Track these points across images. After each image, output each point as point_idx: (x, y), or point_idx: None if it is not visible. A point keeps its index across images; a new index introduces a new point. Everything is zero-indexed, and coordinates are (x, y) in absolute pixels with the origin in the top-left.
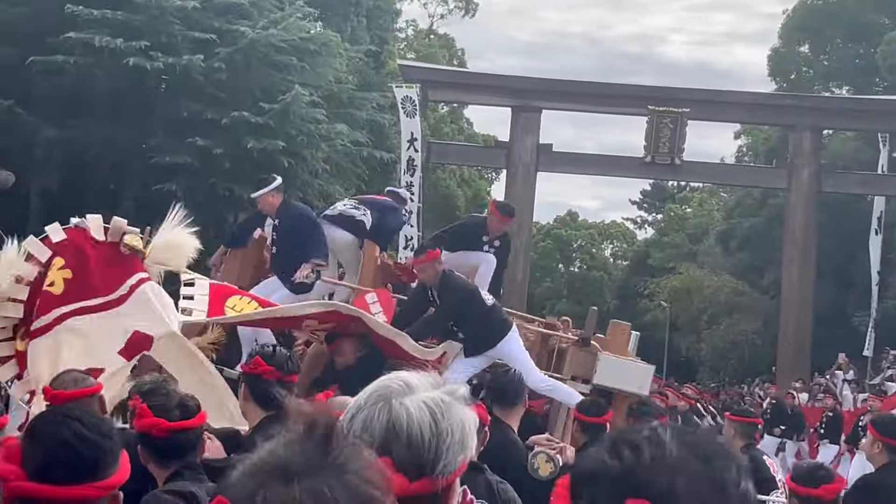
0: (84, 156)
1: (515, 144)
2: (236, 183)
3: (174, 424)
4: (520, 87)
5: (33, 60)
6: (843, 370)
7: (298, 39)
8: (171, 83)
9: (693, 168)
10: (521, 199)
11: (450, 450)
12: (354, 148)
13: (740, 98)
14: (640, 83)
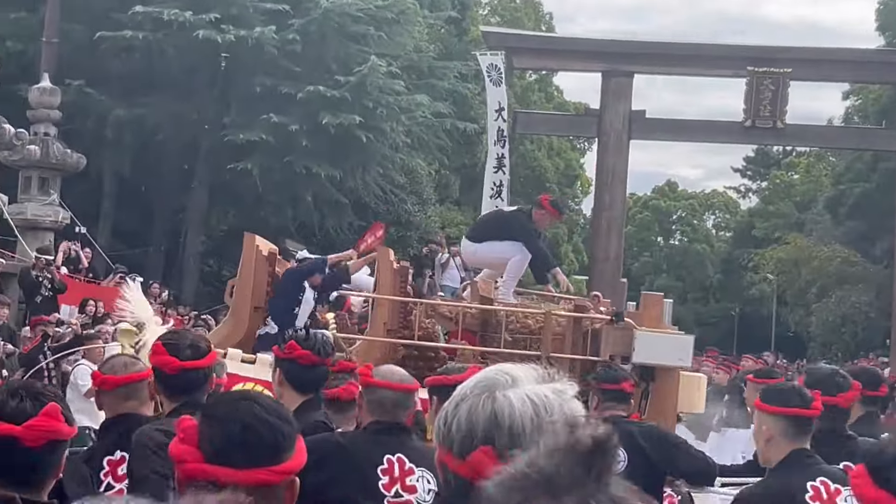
0: (156, 136)
1: (606, 111)
2: (313, 160)
3: (183, 363)
4: (609, 51)
5: (101, 37)
6: None
7: (374, 7)
8: (243, 57)
9: (797, 132)
10: (614, 170)
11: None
12: (436, 120)
13: (847, 55)
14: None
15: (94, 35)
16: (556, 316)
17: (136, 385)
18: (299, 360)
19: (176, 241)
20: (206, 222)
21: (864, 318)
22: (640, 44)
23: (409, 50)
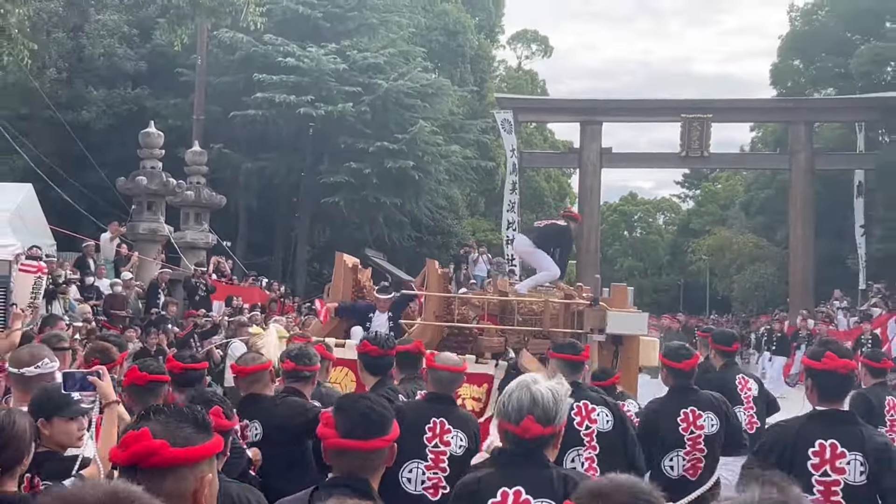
0: (273, 180)
1: (584, 150)
2: (382, 194)
3: (185, 365)
4: (584, 107)
5: (234, 114)
6: (839, 300)
7: (420, 86)
8: (331, 124)
9: (718, 158)
10: (591, 188)
11: (560, 413)
12: (465, 161)
13: (751, 104)
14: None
15: (228, 113)
16: (552, 302)
17: (260, 374)
18: (370, 353)
19: (289, 251)
20: (310, 237)
21: (769, 285)
22: (606, 101)
23: (445, 114)
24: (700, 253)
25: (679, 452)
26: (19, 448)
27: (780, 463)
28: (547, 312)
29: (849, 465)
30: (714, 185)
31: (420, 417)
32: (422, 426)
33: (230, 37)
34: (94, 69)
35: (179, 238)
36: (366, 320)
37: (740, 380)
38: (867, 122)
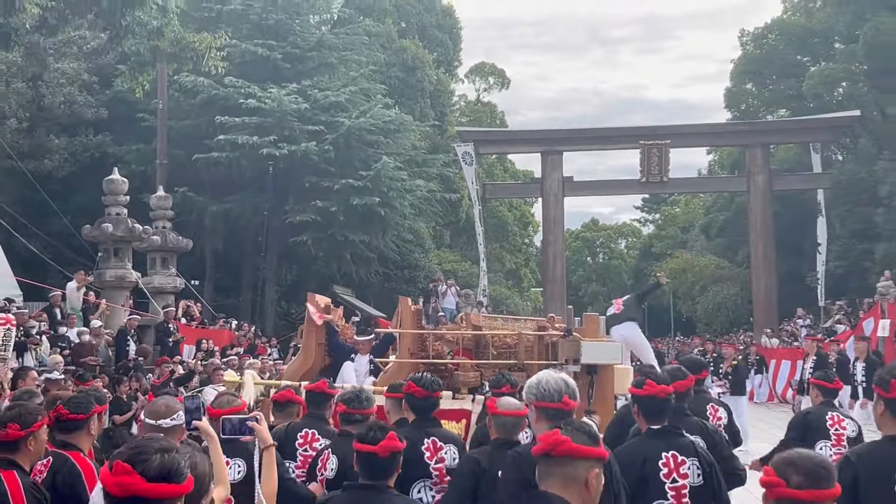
0: (239, 221)
1: (546, 180)
2: (349, 231)
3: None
4: (544, 138)
5: (197, 157)
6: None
7: (382, 123)
8: (295, 163)
9: (677, 183)
10: (555, 218)
11: (575, 392)
12: (429, 194)
13: (707, 129)
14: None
15: (192, 156)
16: (526, 335)
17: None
18: (416, 394)
19: (258, 291)
20: (278, 277)
21: (732, 305)
22: (565, 131)
23: (408, 149)
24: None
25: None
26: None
27: (639, 477)
28: (521, 345)
29: (689, 469)
30: (673, 209)
31: (493, 468)
32: (494, 476)
33: (191, 81)
34: (54, 117)
35: (147, 283)
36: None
37: (711, 408)
38: (822, 143)
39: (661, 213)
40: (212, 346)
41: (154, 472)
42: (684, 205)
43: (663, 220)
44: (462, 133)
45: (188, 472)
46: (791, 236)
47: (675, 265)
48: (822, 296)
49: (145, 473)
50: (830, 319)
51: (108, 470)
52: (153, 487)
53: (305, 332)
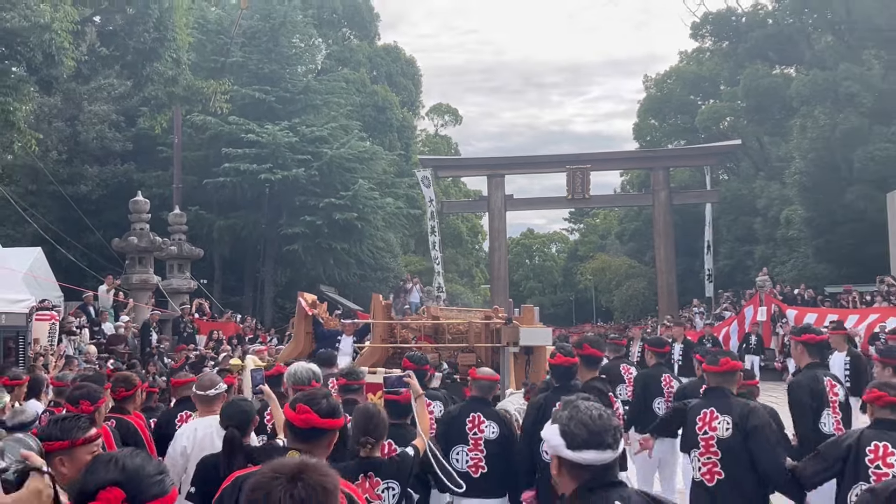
0: (242, 233)
1: (491, 197)
2: (332, 240)
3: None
4: (490, 164)
5: (207, 182)
6: (697, 307)
7: (358, 152)
8: (287, 186)
9: (597, 199)
10: (499, 229)
11: (319, 377)
12: (397, 210)
13: (620, 156)
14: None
15: (202, 181)
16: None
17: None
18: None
19: (258, 290)
20: (274, 278)
21: (642, 296)
22: (507, 158)
23: (380, 173)
24: (586, 274)
25: None
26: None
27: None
28: (471, 331)
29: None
30: (594, 220)
31: (463, 413)
32: (463, 420)
33: (201, 119)
34: (89, 150)
35: (166, 285)
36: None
37: (665, 378)
38: (711, 165)
39: (584, 224)
40: (221, 336)
41: (324, 411)
42: (602, 217)
43: (586, 228)
44: (423, 160)
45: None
46: (687, 240)
47: (596, 265)
48: (710, 289)
49: (318, 412)
50: (719, 307)
51: (290, 410)
52: (325, 422)
53: (296, 323)
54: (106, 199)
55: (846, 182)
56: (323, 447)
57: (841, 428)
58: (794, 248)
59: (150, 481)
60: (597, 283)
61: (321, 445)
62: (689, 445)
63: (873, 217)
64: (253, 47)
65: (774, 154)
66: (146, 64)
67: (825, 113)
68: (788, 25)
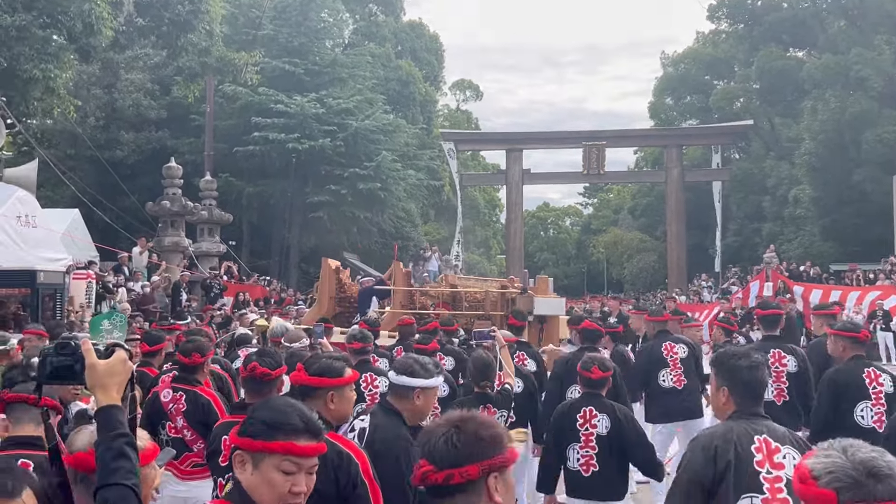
0: (269, 200)
1: (509, 171)
2: (356, 209)
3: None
4: (508, 139)
5: (237, 150)
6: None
7: (382, 125)
8: (314, 156)
9: (611, 175)
10: (516, 201)
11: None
12: (418, 182)
13: (635, 133)
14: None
15: (233, 149)
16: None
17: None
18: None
19: (284, 255)
20: (300, 244)
21: (652, 270)
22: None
23: (402, 146)
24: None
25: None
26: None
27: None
28: (487, 300)
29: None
30: (608, 195)
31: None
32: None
33: (232, 89)
34: (125, 117)
35: (197, 248)
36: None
37: (666, 346)
38: (723, 145)
39: (598, 198)
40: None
41: (314, 370)
42: (616, 192)
43: (600, 203)
44: (444, 134)
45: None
46: (697, 217)
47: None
48: (719, 264)
49: (308, 370)
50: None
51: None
52: (312, 380)
53: (320, 288)
54: (141, 165)
55: (854, 164)
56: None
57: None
58: (801, 227)
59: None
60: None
61: (317, 403)
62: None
63: (879, 199)
64: (283, 21)
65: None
66: (181, 35)
67: (836, 96)
68: (803, 10)
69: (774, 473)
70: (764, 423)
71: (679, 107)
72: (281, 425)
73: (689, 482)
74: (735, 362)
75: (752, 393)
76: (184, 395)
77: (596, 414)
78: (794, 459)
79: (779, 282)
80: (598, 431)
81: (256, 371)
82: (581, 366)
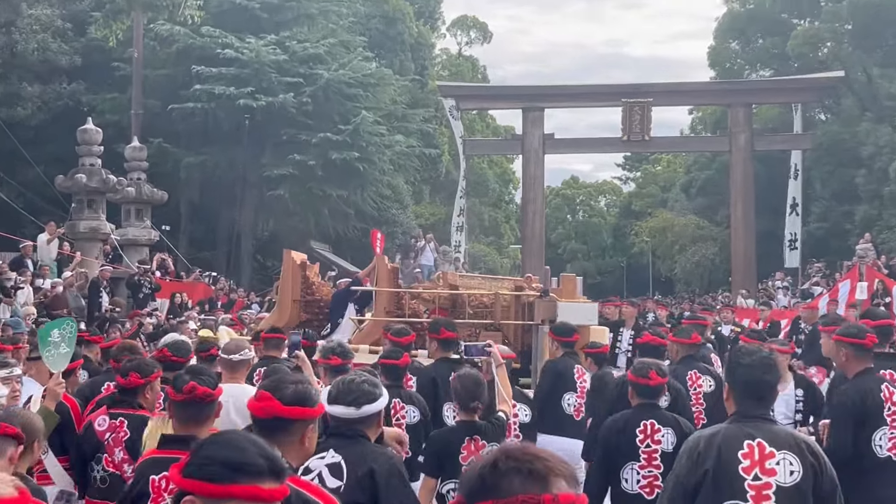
0: (215, 173)
1: (526, 136)
2: (327, 186)
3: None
4: (526, 94)
5: (172, 108)
6: (780, 280)
7: (361, 76)
8: (273, 116)
9: (659, 142)
10: (535, 175)
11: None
12: (409, 150)
13: (689, 87)
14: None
15: (167, 107)
16: (503, 295)
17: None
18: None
19: (233, 244)
20: (254, 230)
21: (711, 265)
22: (546, 87)
23: (388, 103)
24: (642, 235)
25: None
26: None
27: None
28: (498, 305)
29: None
30: (654, 168)
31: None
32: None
33: (167, 30)
34: (27, 64)
35: (122, 235)
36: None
37: (691, 376)
38: (804, 103)
39: (642, 172)
40: (186, 300)
41: (289, 398)
42: (665, 163)
43: (644, 178)
44: (443, 88)
45: (318, 399)
46: (770, 197)
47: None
48: (796, 258)
49: (282, 399)
50: (808, 281)
51: (253, 399)
52: (289, 410)
53: (281, 287)
54: (48, 127)
55: None
56: (294, 443)
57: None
58: None
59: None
60: (655, 246)
61: (290, 440)
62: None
63: None
64: None
65: (885, 90)
66: None
67: None
68: None
69: (763, 480)
70: (763, 427)
71: (748, 53)
72: (242, 465)
73: (674, 486)
74: (738, 359)
75: (752, 394)
76: (126, 421)
77: (659, 428)
78: (792, 465)
79: (876, 281)
80: (662, 448)
81: (197, 392)
82: (634, 373)
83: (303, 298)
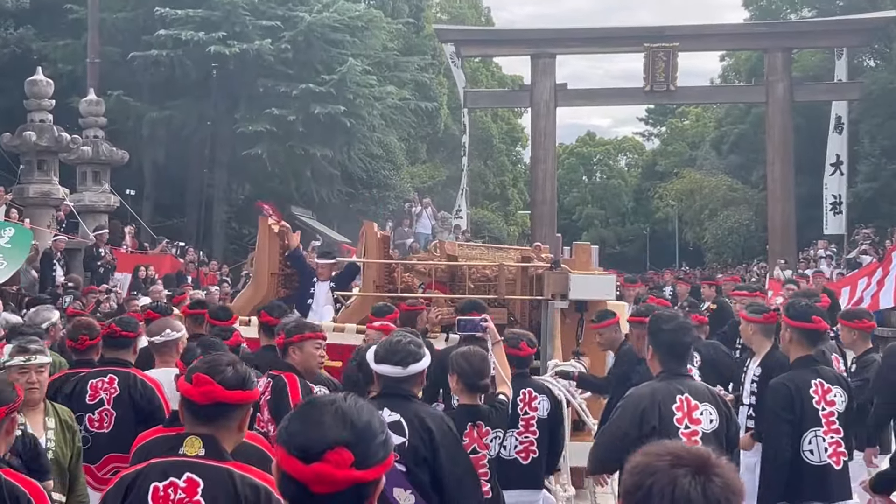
0: (183, 131)
1: (536, 87)
2: (309, 144)
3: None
4: (535, 38)
5: (134, 55)
6: (824, 248)
7: (348, 19)
8: (247, 64)
9: (686, 92)
10: (545, 131)
11: None
12: (402, 103)
13: (720, 30)
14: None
15: (127, 54)
16: (508, 266)
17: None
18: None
19: (204, 211)
20: (227, 195)
21: (745, 231)
22: (558, 31)
23: (378, 50)
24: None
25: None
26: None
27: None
28: (502, 278)
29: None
30: (681, 122)
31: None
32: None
33: None
34: None
35: (77, 201)
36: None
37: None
38: (850, 48)
39: (667, 127)
40: (152, 274)
41: (231, 382)
42: (694, 117)
43: (669, 134)
44: (441, 32)
45: (255, 382)
46: (813, 154)
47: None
48: (839, 222)
49: (223, 383)
50: (855, 249)
51: (187, 382)
52: (232, 395)
53: (257, 259)
54: None
55: None
56: (232, 429)
57: None
58: None
59: (377, 442)
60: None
61: (229, 427)
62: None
63: None
64: None
65: None
66: None
67: None
68: None
69: (691, 428)
70: (686, 383)
71: None
72: None
73: (612, 436)
74: (660, 325)
75: (674, 354)
76: (116, 378)
77: (830, 388)
78: (711, 415)
79: None
80: (836, 409)
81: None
82: (794, 314)
83: (282, 272)
